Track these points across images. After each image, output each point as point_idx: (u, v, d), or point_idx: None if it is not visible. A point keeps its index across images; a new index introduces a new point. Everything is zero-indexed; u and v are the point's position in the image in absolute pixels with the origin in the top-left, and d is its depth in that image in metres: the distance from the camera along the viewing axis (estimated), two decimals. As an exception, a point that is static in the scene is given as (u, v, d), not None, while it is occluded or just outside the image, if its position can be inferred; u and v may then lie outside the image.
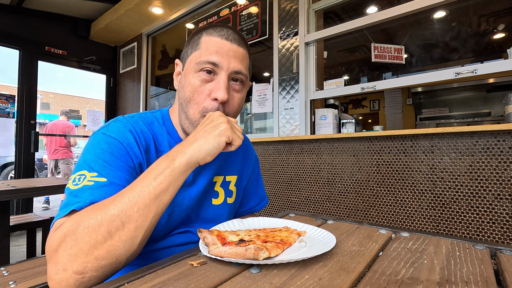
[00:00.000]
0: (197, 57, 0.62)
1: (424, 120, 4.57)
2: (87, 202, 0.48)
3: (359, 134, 1.68)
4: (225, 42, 0.62)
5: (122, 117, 0.64)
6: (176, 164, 0.50)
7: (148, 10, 3.08)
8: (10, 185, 1.56)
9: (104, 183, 0.51)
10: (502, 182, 1.28)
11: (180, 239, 0.67)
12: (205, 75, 0.61)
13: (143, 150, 0.61)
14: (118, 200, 0.46)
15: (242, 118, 2.73)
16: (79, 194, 0.50)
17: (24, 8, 3.21)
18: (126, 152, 0.57)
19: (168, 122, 0.69)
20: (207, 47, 0.62)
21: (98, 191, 0.50)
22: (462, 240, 0.54)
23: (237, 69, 0.63)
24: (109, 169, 0.53)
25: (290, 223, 0.63)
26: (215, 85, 0.61)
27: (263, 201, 0.89)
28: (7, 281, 1.06)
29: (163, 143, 0.66)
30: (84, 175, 0.52)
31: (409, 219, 1.52)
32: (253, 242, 0.46)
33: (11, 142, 3.13)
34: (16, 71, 3.24)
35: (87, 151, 0.56)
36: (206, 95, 0.62)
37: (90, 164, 0.53)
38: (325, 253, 0.46)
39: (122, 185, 0.52)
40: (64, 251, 0.43)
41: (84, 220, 0.44)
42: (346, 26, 1.92)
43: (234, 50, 0.63)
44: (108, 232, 0.44)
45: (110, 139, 0.57)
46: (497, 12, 3.29)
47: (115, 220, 0.44)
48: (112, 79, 4.04)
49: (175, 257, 0.48)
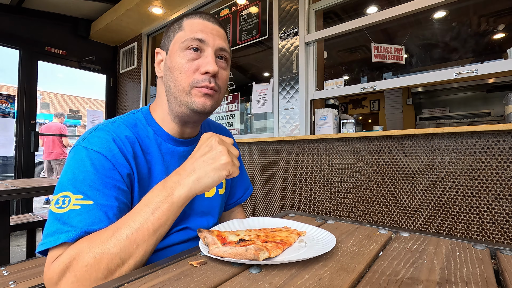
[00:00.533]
0: (182, 37, 0.63)
1: (424, 120, 4.57)
2: (78, 232, 0.47)
3: (359, 134, 1.68)
4: (207, 22, 0.65)
5: (102, 124, 0.61)
6: (175, 198, 0.49)
7: (148, 10, 3.08)
8: (10, 185, 1.56)
9: (91, 206, 0.50)
10: (502, 182, 1.28)
11: (180, 237, 0.67)
12: (192, 53, 0.62)
13: (130, 157, 0.58)
14: (115, 237, 0.46)
15: (242, 118, 2.74)
16: (67, 221, 0.48)
17: (24, 8, 3.21)
18: (111, 167, 0.55)
19: (151, 121, 0.67)
20: (191, 27, 0.63)
21: (86, 216, 0.49)
22: (462, 240, 0.54)
23: (222, 46, 0.64)
24: (94, 189, 0.51)
25: (290, 223, 0.63)
26: (203, 60, 0.62)
27: (248, 189, 0.91)
28: (7, 281, 1.06)
29: (150, 145, 0.64)
30: (68, 197, 0.50)
31: (409, 219, 1.52)
32: (253, 242, 0.46)
33: (11, 142, 3.13)
34: (16, 71, 3.24)
35: (69, 169, 0.53)
36: (195, 70, 0.62)
37: (74, 184, 0.51)
38: (325, 253, 0.46)
39: (110, 205, 0.52)
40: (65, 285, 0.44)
41: (82, 256, 0.45)
42: (346, 26, 1.92)
43: (217, 29, 0.65)
44: (108, 270, 0.45)
45: (93, 153, 0.54)
46: (497, 12, 3.28)
47: (115, 258, 0.45)
48: (112, 79, 4.03)
49: (175, 257, 0.48)
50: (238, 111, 2.72)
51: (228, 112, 2.75)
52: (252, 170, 2.24)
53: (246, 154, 2.29)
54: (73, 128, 16.67)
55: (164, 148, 0.66)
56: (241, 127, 2.72)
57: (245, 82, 2.74)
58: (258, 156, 2.21)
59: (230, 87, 2.77)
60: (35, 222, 2.08)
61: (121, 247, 0.45)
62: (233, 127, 2.71)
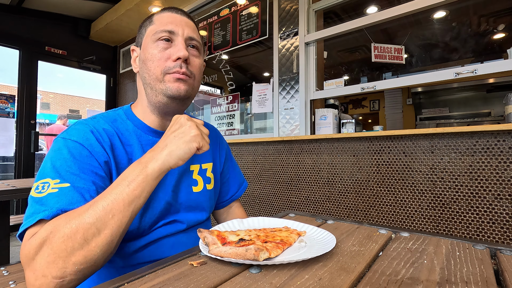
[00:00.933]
0: (153, 30, 0.67)
1: (424, 120, 4.57)
2: (54, 211, 0.48)
3: (359, 134, 1.68)
4: (175, 14, 0.69)
5: (83, 119, 0.65)
6: (149, 170, 0.51)
7: (148, 10, 3.08)
8: (10, 185, 1.56)
9: (68, 188, 0.52)
10: (502, 182, 1.28)
11: (168, 230, 0.67)
12: (164, 43, 0.65)
13: (107, 147, 0.61)
14: (92, 209, 0.47)
15: (242, 118, 2.74)
16: (45, 202, 0.50)
17: (24, 8, 3.21)
18: (88, 154, 0.57)
19: (131, 116, 0.70)
20: (161, 20, 0.67)
21: (63, 197, 0.50)
22: (462, 240, 0.54)
23: (191, 35, 0.68)
24: (71, 173, 0.53)
25: (290, 223, 0.63)
26: (174, 48, 0.65)
27: (242, 185, 0.93)
28: (7, 281, 1.06)
29: (129, 138, 0.66)
30: (48, 183, 0.52)
31: (409, 219, 1.52)
32: (253, 242, 0.46)
33: (11, 142, 3.13)
34: (16, 71, 3.24)
35: (48, 158, 0.56)
36: (167, 57, 0.65)
37: (52, 170, 0.53)
38: (325, 253, 0.46)
39: (86, 188, 0.53)
40: (41, 259, 0.44)
41: (58, 229, 0.45)
42: (346, 26, 1.92)
43: (186, 21, 0.69)
44: (84, 239, 0.45)
45: (70, 142, 0.57)
46: (497, 12, 3.28)
47: (91, 227, 0.45)
48: (112, 79, 4.04)
49: (175, 257, 0.48)
50: (238, 111, 2.72)
51: (228, 112, 2.75)
52: (252, 170, 2.24)
53: (246, 154, 2.29)
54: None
55: (144, 140, 0.68)
56: (241, 127, 2.72)
57: (245, 82, 2.73)
58: (258, 156, 2.21)
59: (230, 87, 2.77)
60: (35, 222, 2.08)
61: (97, 217, 0.46)
62: (233, 127, 2.71)
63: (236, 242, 0.47)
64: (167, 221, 0.67)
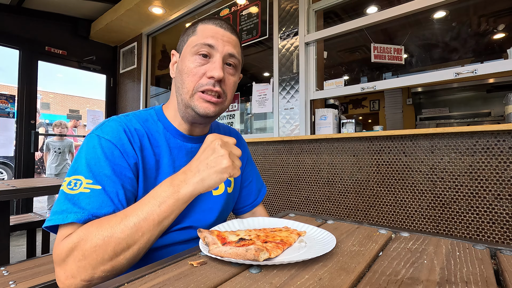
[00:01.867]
0: (194, 41, 0.66)
1: (424, 120, 4.56)
2: (86, 215, 0.51)
3: (359, 134, 1.68)
4: (219, 28, 0.67)
5: (116, 116, 0.66)
6: (181, 195, 0.53)
7: (148, 10, 3.08)
8: (10, 185, 1.56)
9: (99, 191, 0.54)
10: (502, 182, 1.28)
11: (182, 236, 0.67)
12: (201, 59, 0.65)
13: (137, 148, 0.63)
14: (124, 224, 0.50)
15: (242, 118, 2.73)
16: (77, 202, 0.52)
17: (24, 8, 3.21)
18: (120, 154, 0.59)
19: (162, 118, 0.71)
20: (203, 32, 0.67)
21: (94, 200, 0.53)
22: (462, 240, 0.54)
23: (231, 52, 0.67)
24: (103, 175, 0.56)
25: (290, 223, 0.63)
26: (211, 65, 0.65)
27: (261, 191, 0.94)
28: (7, 281, 1.06)
29: (159, 139, 0.68)
30: (80, 181, 0.54)
31: (409, 219, 1.52)
32: (253, 242, 0.46)
33: (11, 142, 3.13)
34: (16, 71, 3.24)
35: (83, 155, 0.58)
36: (202, 74, 0.65)
37: (86, 169, 0.55)
38: (325, 253, 0.46)
39: (116, 192, 0.56)
40: (73, 263, 0.48)
41: (91, 237, 0.48)
42: (346, 26, 1.92)
43: (228, 36, 0.68)
44: (114, 252, 0.48)
45: (104, 141, 0.59)
46: (497, 12, 3.28)
47: (122, 243, 0.49)
48: (112, 79, 4.03)
49: (175, 257, 0.48)
50: (238, 111, 2.72)
51: (228, 112, 2.75)
52: (252, 170, 2.24)
53: (246, 154, 2.29)
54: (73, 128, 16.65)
55: (172, 143, 0.70)
56: (241, 127, 2.72)
57: (245, 82, 2.73)
58: (258, 156, 2.21)
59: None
60: (35, 222, 2.08)
61: (128, 233, 0.49)
62: (233, 127, 2.71)
63: (236, 242, 0.47)
64: (181, 226, 0.67)
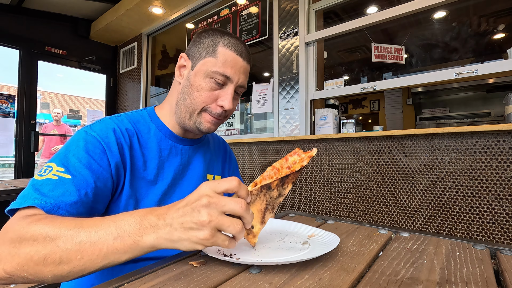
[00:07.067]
0: (213, 64, 0.66)
1: (424, 120, 4.56)
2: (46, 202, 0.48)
3: (359, 134, 1.68)
4: (239, 58, 0.68)
5: (108, 117, 0.67)
6: (141, 242, 0.43)
7: (148, 10, 3.08)
8: (10, 185, 1.56)
9: (67, 180, 0.52)
10: (502, 182, 1.28)
11: None
12: (215, 84, 0.67)
13: (127, 147, 0.63)
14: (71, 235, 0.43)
15: (242, 118, 2.73)
16: (39, 188, 0.50)
17: (24, 8, 3.21)
18: (102, 150, 0.59)
19: (155, 119, 0.72)
20: (225, 60, 0.67)
21: (58, 187, 0.51)
22: (462, 240, 0.54)
23: (242, 84, 0.70)
24: (77, 165, 0.54)
25: (290, 223, 0.63)
26: (224, 94, 0.68)
27: None
28: (7, 281, 1.06)
29: (148, 141, 0.69)
30: (51, 167, 0.53)
31: (409, 219, 1.52)
32: None
33: (11, 142, 3.13)
34: (16, 71, 3.24)
35: (65, 146, 0.58)
36: (213, 99, 0.68)
37: (61, 158, 0.55)
38: (325, 253, 0.46)
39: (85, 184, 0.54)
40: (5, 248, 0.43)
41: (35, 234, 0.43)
42: (346, 26, 1.92)
43: (245, 67, 0.70)
44: (44, 259, 0.42)
45: (90, 137, 0.59)
46: (497, 12, 3.28)
47: (56, 253, 0.42)
48: (112, 79, 4.03)
49: (175, 257, 0.48)
50: (238, 111, 2.72)
51: (228, 112, 2.74)
52: (252, 170, 2.24)
53: (246, 154, 2.29)
54: (73, 128, 16.66)
55: (163, 144, 0.71)
56: (241, 127, 2.72)
57: (245, 82, 2.73)
58: (258, 156, 2.21)
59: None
60: (35, 222, 2.08)
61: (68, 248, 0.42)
62: (233, 127, 2.71)
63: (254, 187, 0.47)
64: None
